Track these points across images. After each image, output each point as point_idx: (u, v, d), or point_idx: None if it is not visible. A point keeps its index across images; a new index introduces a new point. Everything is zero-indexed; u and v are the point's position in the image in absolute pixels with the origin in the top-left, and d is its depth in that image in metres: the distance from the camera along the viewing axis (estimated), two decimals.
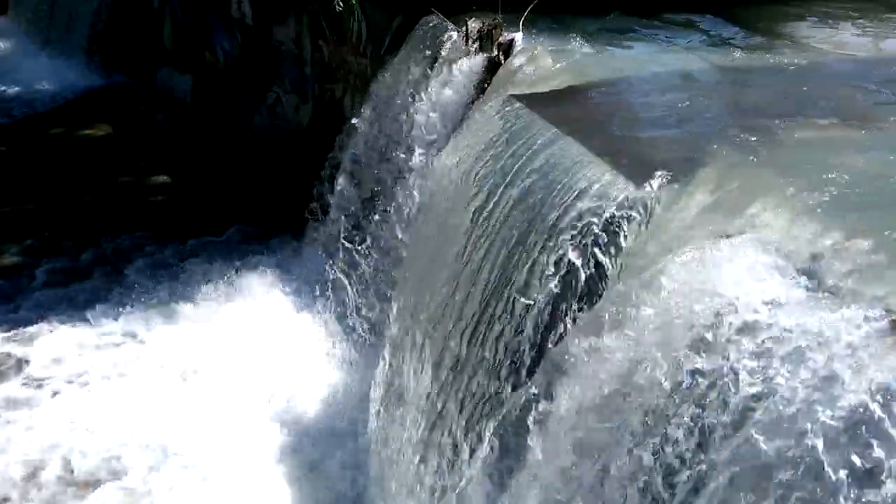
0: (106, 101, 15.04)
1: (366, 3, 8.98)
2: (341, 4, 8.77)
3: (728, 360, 2.96)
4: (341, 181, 8.22)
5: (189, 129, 13.16)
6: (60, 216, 10.72)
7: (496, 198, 4.80)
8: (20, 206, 11.11)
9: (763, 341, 2.90)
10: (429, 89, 6.85)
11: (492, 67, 6.58)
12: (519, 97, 5.45)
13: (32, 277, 9.28)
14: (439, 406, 4.96)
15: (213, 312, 8.21)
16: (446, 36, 7.18)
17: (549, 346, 4.06)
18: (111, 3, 16.43)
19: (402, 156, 6.99)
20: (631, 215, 3.92)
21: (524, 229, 4.48)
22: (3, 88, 16.29)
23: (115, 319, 8.23)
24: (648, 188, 3.99)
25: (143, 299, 8.50)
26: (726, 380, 2.93)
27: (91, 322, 8.22)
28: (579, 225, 4.03)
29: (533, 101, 5.33)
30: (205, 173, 11.78)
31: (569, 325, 3.97)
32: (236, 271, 8.69)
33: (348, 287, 7.54)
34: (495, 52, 6.70)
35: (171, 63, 14.86)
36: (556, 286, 4.10)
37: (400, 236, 6.70)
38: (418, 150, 6.71)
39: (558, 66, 6.09)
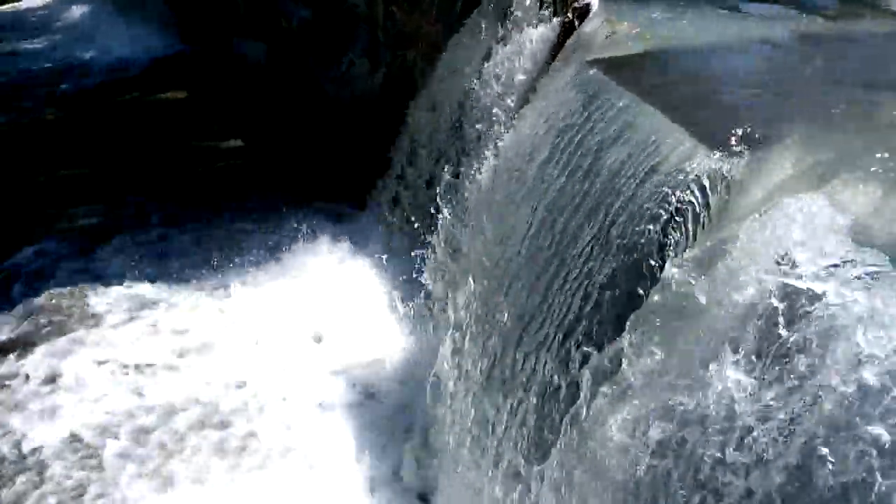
0: (182, 67, 15.32)
1: None
2: None
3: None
4: (412, 146, 8.24)
5: (263, 94, 13.32)
6: (137, 178, 11.00)
7: (570, 165, 4.75)
8: (99, 167, 11.43)
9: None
10: (501, 54, 6.80)
11: (566, 32, 6.48)
12: (595, 62, 5.36)
13: (109, 237, 9.58)
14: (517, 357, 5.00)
15: (282, 270, 8.38)
16: (519, 0, 7.09)
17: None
18: None
19: (474, 120, 6.96)
20: (710, 184, 3.84)
21: (598, 198, 4.43)
22: (85, 54, 16.75)
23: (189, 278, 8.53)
24: (728, 157, 3.90)
25: (220, 258, 8.75)
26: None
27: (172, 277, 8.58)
28: (657, 193, 3.96)
29: (609, 67, 5.23)
30: (276, 137, 11.94)
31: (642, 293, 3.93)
32: (305, 231, 8.81)
33: (413, 248, 7.58)
34: (570, 17, 6.59)
35: (246, 29, 15.01)
36: (629, 257, 4.05)
37: (470, 201, 6.68)
38: (490, 115, 6.67)
39: (635, 31, 5.96)
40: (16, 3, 20.70)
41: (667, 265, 3.73)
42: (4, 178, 11.23)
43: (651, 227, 3.99)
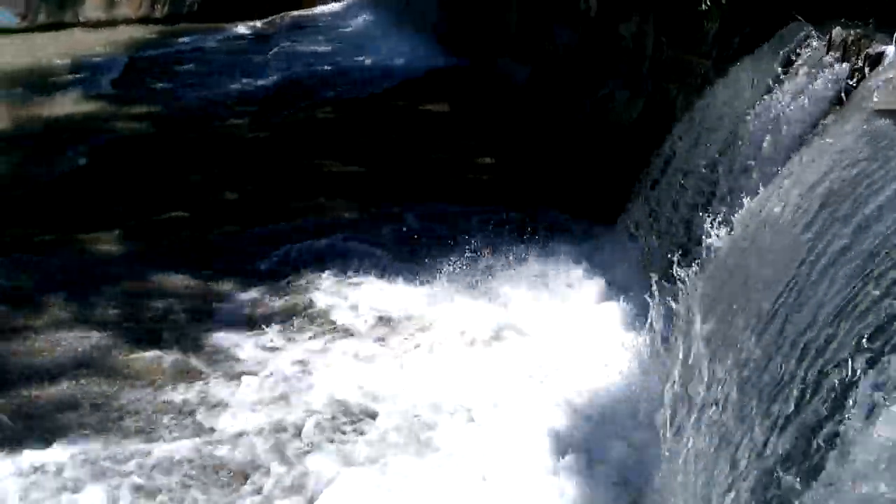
0: (447, 81, 15.98)
1: (721, 4, 8.68)
2: (708, 3, 8.47)
3: None
4: (666, 178, 8.06)
5: (520, 114, 13.61)
6: (394, 182, 11.61)
7: (847, 222, 4.42)
8: (361, 167, 12.20)
9: None
10: (780, 95, 6.49)
11: (855, 79, 6.09)
12: (886, 112, 4.97)
13: (360, 232, 10.16)
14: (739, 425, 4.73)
15: (514, 290, 8.46)
16: (806, 42, 6.75)
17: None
18: None
19: (739, 160, 6.70)
20: None
21: (875, 264, 4.06)
22: (362, 59, 17.94)
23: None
24: None
25: (466, 267, 8.91)
26: None
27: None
28: None
29: None
30: (527, 159, 12.13)
31: None
32: (543, 255, 8.84)
33: (652, 286, 7.37)
34: (860, 64, 6.19)
35: (512, 50, 15.41)
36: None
37: (719, 247, 6.41)
38: (758, 158, 6.39)
39: None
40: (310, 9, 22.54)
41: None
42: (276, 167, 12.23)
43: None
